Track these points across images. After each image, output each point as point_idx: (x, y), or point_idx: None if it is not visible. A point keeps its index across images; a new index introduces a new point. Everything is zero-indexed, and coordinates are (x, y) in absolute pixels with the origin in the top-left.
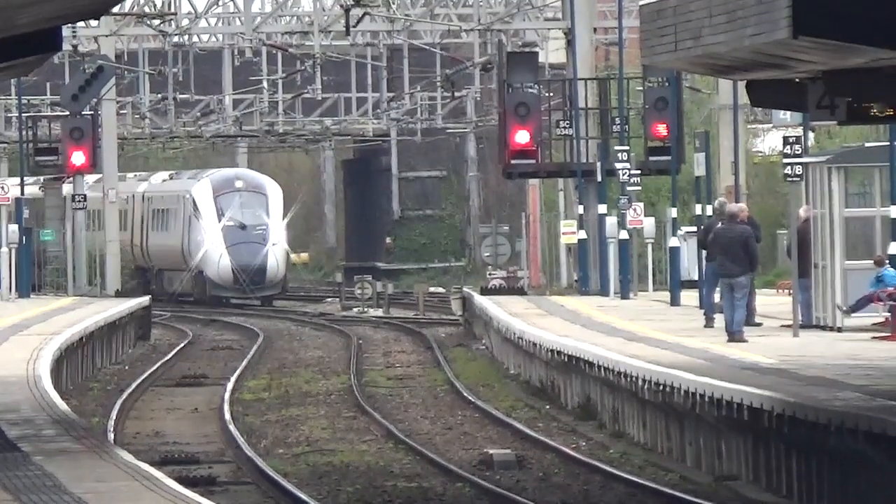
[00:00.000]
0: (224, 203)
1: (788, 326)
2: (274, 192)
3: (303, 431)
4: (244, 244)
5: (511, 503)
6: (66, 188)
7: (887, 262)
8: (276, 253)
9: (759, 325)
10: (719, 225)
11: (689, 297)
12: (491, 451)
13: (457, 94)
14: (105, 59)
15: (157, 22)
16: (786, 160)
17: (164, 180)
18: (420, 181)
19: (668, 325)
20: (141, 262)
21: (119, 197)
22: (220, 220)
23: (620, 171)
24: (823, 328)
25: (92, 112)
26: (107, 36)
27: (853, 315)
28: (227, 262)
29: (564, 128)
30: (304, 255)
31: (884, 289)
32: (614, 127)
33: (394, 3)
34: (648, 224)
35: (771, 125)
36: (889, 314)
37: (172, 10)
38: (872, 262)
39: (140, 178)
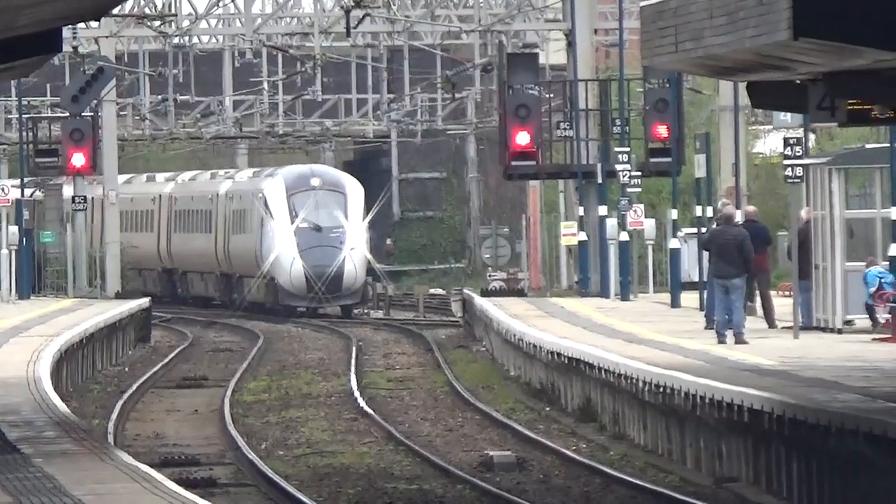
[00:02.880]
0: (298, 202)
1: (789, 328)
2: (354, 190)
3: (303, 433)
4: (319, 248)
5: None
6: (67, 190)
7: (876, 263)
8: (354, 258)
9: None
10: (715, 226)
11: (690, 298)
12: (491, 453)
13: (457, 95)
14: (105, 61)
15: (157, 23)
16: (786, 162)
17: (248, 178)
18: (420, 182)
19: (668, 326)
20: (225, 267)
21: (203, 197)
22: (293, 222)
23: (621, 173)
24: (824, 330)
25: (92, 113)
26: (107, 37)
27: (878, 321)
28: (300, 267)
29: (565, 129)
30: None
31: (876, 291)
32: (615, 128)
33: (394, 5)
34: (649, 226)
35: (771, 127)
36: (889, 316)
37: (173, 11)
38: (864, 264)
39: (227, 176)
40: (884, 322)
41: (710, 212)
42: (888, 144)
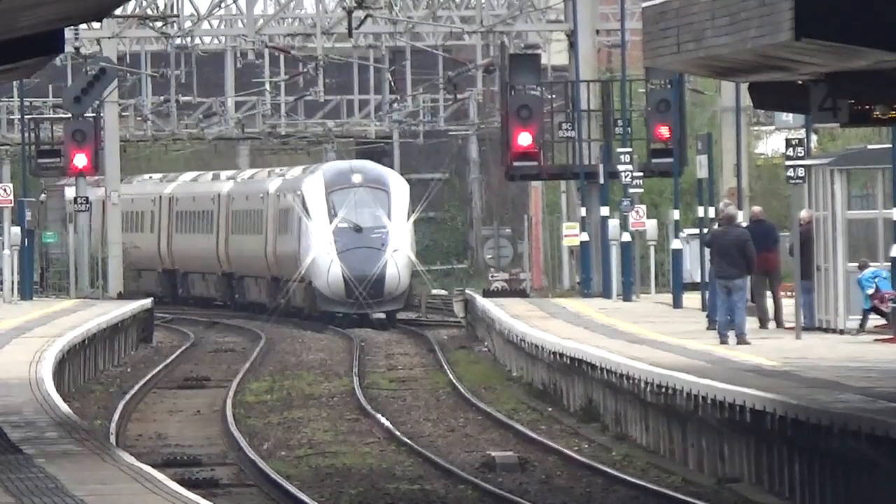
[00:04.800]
0: (337, 201)
1: (791, 329)
2: (398, 188)
3: (305, 434)
4: (359, 250)
5: None
6: (69, 191)
7: (868, 265)
8: (397, 261)
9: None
10: (716, 227)
11: (692, 299)
12: (493, 454)
13: (459, 96)
14: (107, 62)
15: (159, 24)
16: (788, 162)
17: (296, 175)
18: (422, 183)
19: (670, 327)
20: (274, 271)
21: (255, 196)
22: (331, 222)
23: (623, 174)
24: (826, 330)
25: (94, 114)
26: (109, 38)
27: (863, 330)
28: (339, 270)
29: (567, 130)
30: None
31: (875, 294)
32: (617, 129)
33: (396, 5)
34: (651, 226)
35: (773, 127)
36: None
37: (175, 12)
38: (857, 266)
39: (279, 174)
40: (885, 323)
41: (711, 212)
42: (890, 145)
